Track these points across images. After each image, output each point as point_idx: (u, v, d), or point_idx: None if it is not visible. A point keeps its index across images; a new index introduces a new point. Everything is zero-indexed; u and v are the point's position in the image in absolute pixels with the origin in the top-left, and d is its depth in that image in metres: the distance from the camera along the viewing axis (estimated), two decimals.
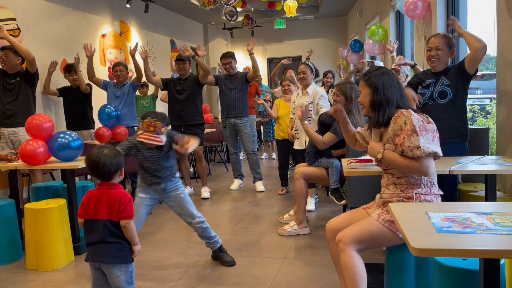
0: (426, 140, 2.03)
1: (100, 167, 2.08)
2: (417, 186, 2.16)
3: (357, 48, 8.71)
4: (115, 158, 2.11)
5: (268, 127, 7.69)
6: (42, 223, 3.20)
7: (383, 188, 2.30)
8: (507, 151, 3.28)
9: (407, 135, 2.04)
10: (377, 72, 2.25)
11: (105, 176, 2.12)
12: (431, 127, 2.08)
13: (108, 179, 2.14)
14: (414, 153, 2.02)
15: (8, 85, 4.47)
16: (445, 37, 3.08)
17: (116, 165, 2.12)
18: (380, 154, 2.19)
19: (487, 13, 4.00)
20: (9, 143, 4.49)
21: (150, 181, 2.96)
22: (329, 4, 10.73)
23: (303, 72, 4.48)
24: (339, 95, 3.64)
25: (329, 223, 2.39)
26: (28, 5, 5.53)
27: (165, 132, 2.77)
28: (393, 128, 2.13)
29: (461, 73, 3.04)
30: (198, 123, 5.25)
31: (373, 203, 2.39)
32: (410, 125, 2.04)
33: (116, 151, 2.16)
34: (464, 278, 1.81)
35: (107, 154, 2.09)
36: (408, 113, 2.08)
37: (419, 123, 2.05)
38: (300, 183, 3.72)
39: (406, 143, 2.04)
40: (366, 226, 2.12)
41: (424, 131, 2.04)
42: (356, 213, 2.38)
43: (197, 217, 3.06)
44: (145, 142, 2.77)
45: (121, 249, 2.15)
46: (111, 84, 5.29)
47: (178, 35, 10.10)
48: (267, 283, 2.85)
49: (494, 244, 1.33)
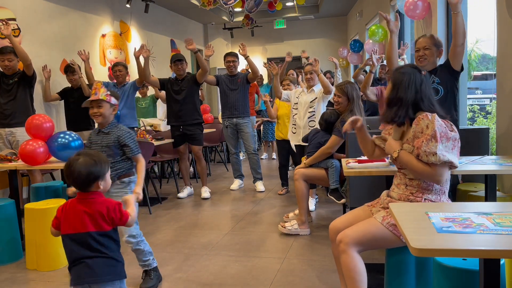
0: (445, 148, 1.98)
1: (74, 176, 1.88)
2: (428, 192, 2.13)
3: (357, 48, 8.71)
4: (92, 167, 1.90)
5: (268, 127, 7.70)
6: (42, 223, 3.20)
7: (394, 186, 2.28)
8: (507, 151, 3.28)
9: (426, 139, 2.00)
10: (402, 69, 2.21)
11: (80, 185, 1.92)
12: (453, 135, 2.02)
13: (84, 189, 1.93)
14: (429, 159, 1.99)
15: (6, 85, 4.47)
16: (432, 37, 3.13)
17: (92, 174, 1.90)
18: (395, 153, 2.16)
19: (487, 13, 4.00)
20: (7, 143, 4.49)
21: None
22: (329, 4, 10.73)
23: (310, 72, 4.51)
24: (341, 95, 3.66)
25: (333, 224, 2.37)
26: (28, 5, 5.53)
27: (104, 95, 2.72)
28: (415, 129, 2.09)
29: (449, 70, 3.10)
30: (196, 123, 5.26)
31: (377, 200, 2.37)
32: (432, 130, 1.99)
33: (95, 159, 1.93)
34: (464, 278, 1.81)
35: (82, 163, 1.89)
36: (433, 117, 2.02)
37: (441, 129, 2.00)
38: (300, 185, 3.72)
39: (423, 148, 2.00)
40: (369, 228, 2.09)
41: (444, 138, 1.99)
42: (360, 212, 2.36)
43: (128, 235, 2.76)
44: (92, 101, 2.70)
45: (112, 265, 1.92)
46: (111, 85, 5.29)
47: (178, 35, 10.10)
48: (267, 283, 2.85)
49: (494, 244, 1.33)
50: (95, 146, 2.77)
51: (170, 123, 5.35)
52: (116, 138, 2.74)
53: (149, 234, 3.96)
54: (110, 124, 2.78)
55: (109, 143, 2.74)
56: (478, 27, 4.77)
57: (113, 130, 2.76)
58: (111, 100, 2.75)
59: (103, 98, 2.71)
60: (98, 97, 2.72)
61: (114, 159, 2.73)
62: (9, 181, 3.77)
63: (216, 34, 12.27)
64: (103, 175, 1.94)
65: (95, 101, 2.72)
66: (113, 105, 2.78)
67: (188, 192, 5.45)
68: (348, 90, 3.64)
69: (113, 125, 2.79)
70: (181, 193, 5.38)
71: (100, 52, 7.06)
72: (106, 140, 2.75)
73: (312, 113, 4.46)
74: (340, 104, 3.69)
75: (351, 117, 2.46)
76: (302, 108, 4.55)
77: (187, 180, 5.48)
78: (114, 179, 2.73)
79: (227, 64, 5.39)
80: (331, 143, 3.64)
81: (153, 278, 2.89)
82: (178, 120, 5.20)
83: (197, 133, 5.26)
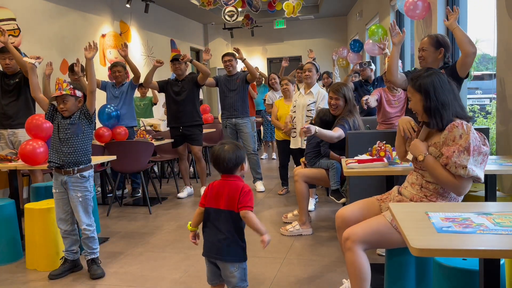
0: (475, 162, 1.95)
1: (220, 162, 2.17)
2: (443, 198, 2.10)
3: (356, 48, 8.71)
4: (234, 153, 2.18)
5: (268, 127, 7.70)
6: (42, 223, 3.20)
7: (407, 184, 2.24)
8: (507, 151, 3.28)
9: (458, 150, 1.95)
10: (425, 74, 2.11)
11: (225, 170, 2.19)
12: (485, 150, 1.98)
13: (229, 172, 2.21)
14: (457, 171, 1.94)
15: (7, 86, 4.46)
16: (430, 37, 3.09)
17: (235, 160, 2.18)
18: (421, 156, 2.09)
19: (487, 13, 4.00)
20: (9, 144, 4.49)
21: (51, 159, 2.96)
22: (329, 4, 10.73)
23: (309, 70, 4.49)
24: (339, 97, 3.65)
25: (340, 211, 2.34)
26: (28, 5, 5.54)
27: (67, 89, 2.89)
28: (446, 136, 2.02)
29: (453, 75, 3.03)
30: (196, 124, 5.26)
31: (388, 193, 2.34)
32: (466, 142, 1.94)
33: (236, 146, 2.22)
34: (464, 278, 1.81)
35: (227, 150, 2.17)
36: (468, 128, 1.97)
37: (475, 142, 1.95)
38: (300, 186, 3.72)
39: (454, 159, 1.95)
40: (378, 228, 2.07)
41: (476, 152, 1.95)
42: (368, 204, 2.33)
43: (85, 224, 3.02)
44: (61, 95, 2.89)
45: (237, 247, 2.17)
46: (110, 84, 5.29)
47: (178, 35, 10.10)
48: (267, 283, 2.85)
49: (494, 244, 1.33)
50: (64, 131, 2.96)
51: (169, 125, 5.36)
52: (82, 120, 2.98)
53: (149, 234, 3.96)
54: (74, 115, 2.97)
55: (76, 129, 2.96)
56: (478, 27, 4.76)
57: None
58: (76, 93, 2.94)
59: (67, 92, 2.88)
60: (62, 92, 2.87)
61: (83, 147, 3.00)
62: (9, 181, 3.77)
63: (216, 34, 12.27)
64: (245, 158, 2.25)
65: (60, 97, 2.90)
66: (78, 98, 2.97)
67: (188, 192, 5.45)
68: (345, 91, 3.67)
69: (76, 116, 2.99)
70: (181, 193, 5.38)
71: (100, 52, 7.07)
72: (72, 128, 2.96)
73: (310, 117, 4.40)
74: (338, 107, 3.68)
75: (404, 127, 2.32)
76: (300, 111, 4.53)
77: (187, 180, 5.48)
78: (73, 166, 2.99)
79: (224, 64, 5.41)
80: (336, 132, 3.46)
81: (99, 265, 3.09)
82: (178, 122, 5.21)
83: (197, 134, 5.27)
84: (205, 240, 2.22)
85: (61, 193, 3.01)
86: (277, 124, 5.05)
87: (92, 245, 3.06)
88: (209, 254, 2.20)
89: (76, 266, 3.15)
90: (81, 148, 2.98)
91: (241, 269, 2.18)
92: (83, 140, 2.99)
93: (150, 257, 3.40)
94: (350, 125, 3.55)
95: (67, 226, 3.03)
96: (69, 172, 2.96)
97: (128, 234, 4.01)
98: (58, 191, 3.02)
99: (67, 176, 2.97)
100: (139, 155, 4.68)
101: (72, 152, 2.94)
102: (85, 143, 3.00)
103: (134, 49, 8.14)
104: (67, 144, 2.94)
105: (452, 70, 3.03)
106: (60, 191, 3.01)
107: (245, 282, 2.21)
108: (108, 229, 4.18)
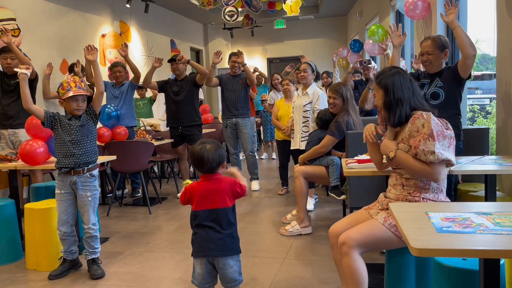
0: (442, 146, 2.00)
1: (205, 162, 2.15)
2: (425, 190, 2.13)
3: (356, 48, 8.71)
4: (216, 152, 2.18)
5: (268, 127, 7.70)
6: (42, 223, 3.20)
7: (390, 187, 2.28)
8: (507, 151, 3.28)
9: (423, 138, 2.02)
10: (388, 72, 2.21)
11: (209, 169, 2.19)
12: (449, 134, 2.05)
13: (212, 172, 2.20)
14: (427, 157, 2.00)
15: (8, 86, 4.46)
16: (434, 41, 3.04)
17: (219, 159, 2.18)
18: (392, 153, 2.16)
19: (487, 13, 4.00)
20: (10, 144, 4.49)
21: (63, 164, 2.94)
22: (329, 4, 10.73)
23: (304, 70, 4.50)
24: (336, 97, 3.72)
25: (333, 228, 2.36)
26: (28, 5, 5.53)
27: (85, 89, 2.93)
28: (410, 128, 2.10)
29: (455, 76, 3.02)
30: (195, 124, 5.27)
31: (375, 203, 2.37)
32: (428, 129, 2.01)
33: (217, 145, 2.22)
34: (464, 278, 1.81)
35: (209, 150, 2.17)
36: (428, 116, 2.05)
37: (437, 127, 2.02)
38: (300, 182, 3.73)
39: (421, 147, 2.01)
40: (372, 230, 2.08)
41: (441, 136, 2.01)
42: (358, 215, 2.36)
43: (91, 223, 3.04)
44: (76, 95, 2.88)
45: (234, 240, 2.21)
46: (110, 85, 5.29)
47: (178, 35, 10.10)
48: (267, 283, 2.85)
49: (494, 244, 1.33)
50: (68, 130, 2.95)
51: (169, 125, 5.36)
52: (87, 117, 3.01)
53: (149, 234, 3.96)
54: (82, 116, 2.99)
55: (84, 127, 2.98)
56: (478, 27, 4.76)
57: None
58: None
59: (86, 93, 2.93)
60: (82, 91, 2.89)
61: (92, 148, 3.02)
62: (9, 181, 3.77)
63: (216, 34, 12.27)
64: (224, 159, 2.24)
65: (80, 96, 2.91)
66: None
67: None
68: (343, 91, 3.71)
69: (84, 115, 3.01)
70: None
71: (100, 52, 7.07)
72: (78, 124, 2.96)
73: (307, 118, 4.42)
74: (335, 106, 3.74)
75: (368, 133, 2.36)
76: (297, 112, 4.54)
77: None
78: (84, 167, 3.00)
79: (231, 64, 5.40)
80: (325, 142, 3.68)
81: (99, 265, 3.08)
82: (177, 122, 5.22)
83: (196, 134, 5.27)
84: (201, 242, 2.18)
85: (66, 194, 3.01)
86: (277, 124, 5.06)
87: (94, 244, 3.07)
88: (209, 254, 2.18)
89: (76, 264, 3.15)
90: (92, 148, 3.01)
91: (238, 262, 2.22)
92: (92, 140, 3.02)
93: (150, 257, 3.40)
94: (343, 127, 3.59)
95: (67, 228, 3.02)
96: (79, 172, 2.97)
97: (128, 234, 4.01)
98: (64, 192, 3.00)
99: (77, 176, 2.97)
100: (139, 155, 4.68)
101: (84, 153, 2.96)
102: (94, 143, 3.04)
103: (134, 49, 8.14)
104: (78, 146, 2.94)
105: (453, 71, 3.02)
106: (66, 192, 3.00)
107: (241, 276, 2.25)
108: (108, 229, 4.18)
